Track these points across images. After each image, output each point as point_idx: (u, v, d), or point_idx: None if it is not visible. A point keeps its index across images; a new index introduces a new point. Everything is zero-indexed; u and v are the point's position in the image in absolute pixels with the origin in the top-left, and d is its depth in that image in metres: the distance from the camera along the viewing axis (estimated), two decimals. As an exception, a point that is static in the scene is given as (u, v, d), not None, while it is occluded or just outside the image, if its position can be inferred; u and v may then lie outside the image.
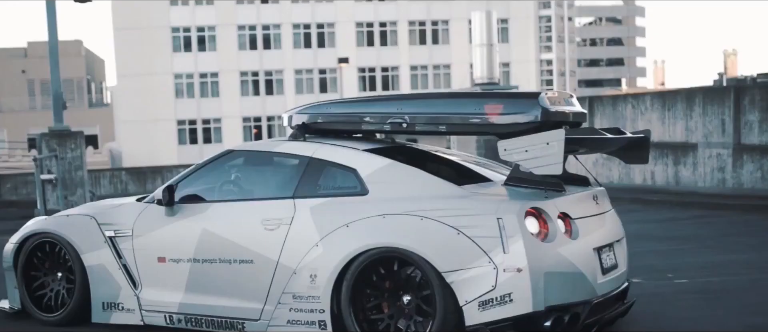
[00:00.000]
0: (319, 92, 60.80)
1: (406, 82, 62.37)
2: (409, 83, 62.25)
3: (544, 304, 5.41)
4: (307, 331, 5.98)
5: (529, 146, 5.63)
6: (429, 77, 62.59)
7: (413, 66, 62.65)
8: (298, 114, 6.77)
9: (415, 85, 62.17)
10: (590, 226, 5.92)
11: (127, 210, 6.99)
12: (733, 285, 8.06)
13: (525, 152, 5.65)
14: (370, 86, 62.31)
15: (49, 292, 7.20)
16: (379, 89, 62.38)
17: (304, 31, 62.01)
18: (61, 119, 15.90)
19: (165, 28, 60.54)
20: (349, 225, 5.86)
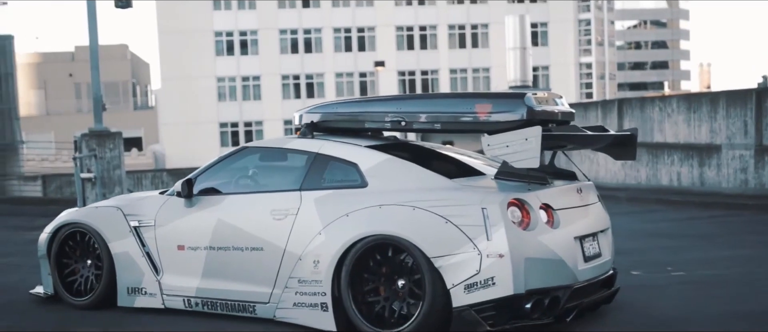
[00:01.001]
0: (359, 95, 61.40)
1: (446, 85, 62.76)
2: (448, 86, 62.63)
3: (525, 288, 5.85)
4: (310, 313, 6.48)
5: (509, 142, 6.09)
6: (468, 80, 62.92)
7: (452, 69, 63.04)
8: (308, 114, 7.29)
9: (454, 88, 62.52)
10: (572, 216, 6.34)
11: (150, 202, 7.56)
12: (727, 278, 8.41)
13: (506, 147, 6.11)
14: (410, 89, 62.79)
15: (80, 278, 7.79)
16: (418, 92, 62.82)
17: (345, 35, 62.70)
18: (100, 120, 16.59)
19: (208, 33, 61.62)
20: (349, 215, 6.35)
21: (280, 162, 7.22)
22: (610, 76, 68.95)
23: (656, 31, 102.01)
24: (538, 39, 62.73)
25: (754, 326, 6.36)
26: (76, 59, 69.81)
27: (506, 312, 5.88)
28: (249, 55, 62.08)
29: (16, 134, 34.62)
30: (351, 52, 62.28)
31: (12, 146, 34.41)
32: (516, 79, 30.16)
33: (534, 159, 6.01)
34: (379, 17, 62.15)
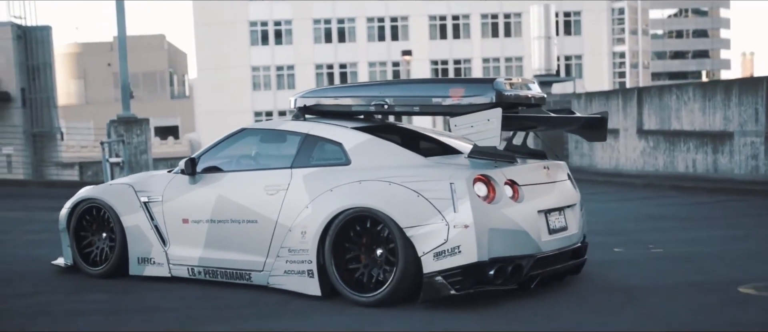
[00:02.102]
0: (392, 85, 61.86)
1: (479, 74, 63.06)
2: (481, 75, 62.93)
3: (488, 256, 6.43)
4: (299, 279, 7.11)
5: (474, 122, 6.66)
6: (501, 70, 63.22)
7: (485, 58, 63.38)
8: (301, 98, 7.92)
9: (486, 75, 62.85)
10: (537, 192, 6.90)
11: (158, 180, 8.25)
12: (702, 254, 8.92)
13: (471, 127, 6.68)
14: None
15: (95, 249, 8.49)
16: (451, 82, 63.16)
17: (378, 25, 63.30)
18: (128, 107, 17.37)
19: (243, 23, 62.54)
20: (333, 190, 6.97)
21: (274, 143, 7.85)
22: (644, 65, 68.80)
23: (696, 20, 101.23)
24: (571, 28, 62.87)
25: (701, 293, 6.88)
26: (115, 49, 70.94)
27: (471, 278, 6.46)
28: (283, 44, 62.94)
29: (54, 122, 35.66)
30: (384, 42, 62.88)
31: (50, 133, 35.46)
32: (540, 67, 30.54)
33: (495, 138, 6.58)
34: (412, 6, 62.65)
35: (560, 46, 62.66)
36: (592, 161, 27.17)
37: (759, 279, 7.29)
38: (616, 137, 25.22)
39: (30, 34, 35.06)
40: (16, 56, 34.49)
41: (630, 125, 24.32)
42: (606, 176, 23.70)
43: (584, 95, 28.67)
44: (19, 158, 33.68)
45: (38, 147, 35.04)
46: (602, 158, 26.30)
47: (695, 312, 6.28)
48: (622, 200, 16.50)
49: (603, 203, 15.93)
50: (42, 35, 35.44)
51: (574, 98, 29.36)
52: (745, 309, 6.30)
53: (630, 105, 24.38)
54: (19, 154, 33.82)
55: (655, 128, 22.94)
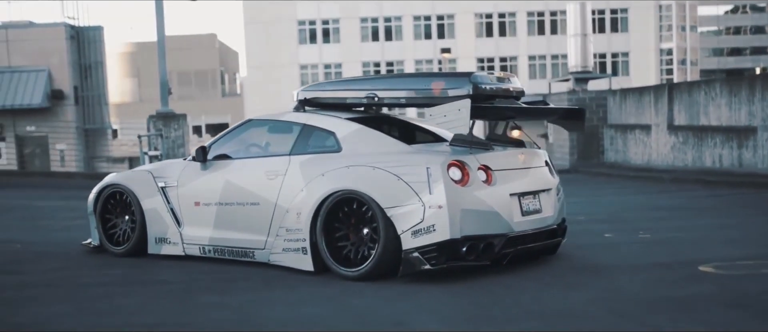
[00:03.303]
0: (438, 82, 62.40)
1: (525, 71, 63.35)
2: (527, 73, 63.21)
3: (461, 234, 7.04)
4: (294, 256, 7.80)
5: (446, 112, 7.28)
6: (547, 67, 63.39)
7: (531, 56, 63.60)
8: (302, 91, 8.63)
9: (533, 74, 63.09)
10: (510, 177, 7.49)
11: (174, 166, 9.01)
12: (682, 239, 9.42)
13: (443, 116, 7.30)
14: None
15: (119, 230, 9.28)
16: (497, 79, 63.52)
17: (425, 23, 63.89)
18: (166, 103, 18.25)
19: (292, 22, 63.61)
20: (325, 174, 7.65)
21: (276, 132, 8.55)
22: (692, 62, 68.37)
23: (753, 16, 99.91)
24: (618, 25, 62.79)
25: (662, 271, 7.42)
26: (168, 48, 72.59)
27: (445, 254, 7.07)
28: (331, 43, 63.88)
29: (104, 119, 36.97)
30: (430, 40, 63.46)
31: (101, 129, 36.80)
32: (576, 65, 30.85)
33: (464, 126, 7.19)
34: (458, 5, 63.13)
35: (607, 44, 62.66)
36: (625, 156, 27.47)
37: (722, 260, 7.79)
38: (648, 133, 25.53)
39: (83, 34, 36.38)
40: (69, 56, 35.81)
41: (661, 121, 24.61)
42: (637, 171, 24.04)
43: (619, 91, 28.97)
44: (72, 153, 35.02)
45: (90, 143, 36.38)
46: (635, 154, 26.61)
47: (649, 286, 6.83)
48: (638, 194, 16.93)
49: (618, 195, 16.39)
50: (94, 35, 36.78)
51: (610, 94, 29.66)
52: (696, 284, 6.83)
53: (661, 101, 24.67)
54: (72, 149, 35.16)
55: (685, 123, 23.23)
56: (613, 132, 28.59)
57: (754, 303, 6.19)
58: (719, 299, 6.31)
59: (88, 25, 36.90)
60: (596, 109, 29.98)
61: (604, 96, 29.95)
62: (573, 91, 30.16)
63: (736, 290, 6.61)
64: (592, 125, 29.86)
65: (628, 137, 27.18)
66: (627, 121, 27.64)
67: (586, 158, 29.76)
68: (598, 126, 29.69)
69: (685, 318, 5.77)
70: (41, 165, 35.02)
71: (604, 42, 62.82)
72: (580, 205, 14.58)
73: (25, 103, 34.71)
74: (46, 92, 35.00)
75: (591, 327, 5.62)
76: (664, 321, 5.71)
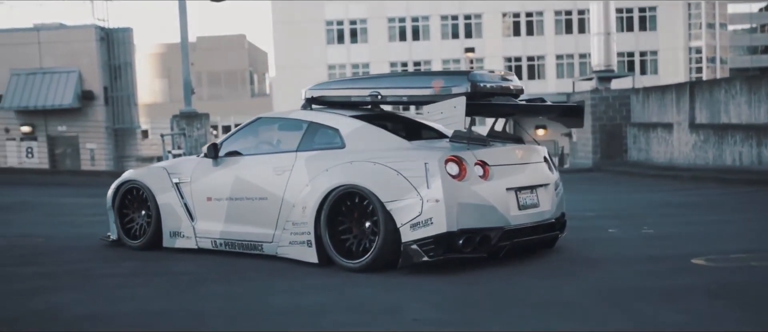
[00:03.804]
0: (465, 82, 62.55)
1: (552, 71, 63.32)
2: (554, 72, 63.17)
3: (457, 226, 7.29)
4: (300, 249, 8.09)
5: (443, 109, 7.54)
6: (575, 66, 63.29)
7: (559, 55, 63.54)
8: (309, 90, 8.93)
9: (560, 74, 63.03)
10: (507, 172, 7.73)
11: (188, 163, 9.34)
12: (682, 234, 9.61)
13: (440, 113, 7.56)
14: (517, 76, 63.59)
15: (136, 225, 9.63)
16: (525, 79, 63.61)
17: (452, 23, 64.05)
18: (189, 102, 18.66)
19: (319, 22, 64.04)
20: (328, 170, 7.93)
21: (284, 129, 8.85)
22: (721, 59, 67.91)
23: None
24: (647, 24, 62.57)
25: (655, 263, 7.63)
26: (197, 49, 73.44)
27: (443, 247, 7.32)
28: (358, 43, 64.24)
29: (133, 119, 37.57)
30: (458, 39, 63.60)
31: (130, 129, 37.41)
32: (600, 64, 30.92)
33: (459, 122, 7.45)
34: (485, 4, 63.22)
35: (635, 42, 62.46)
36: (648, 155, 27.54)
37: (716, 253, 7.99)
38: (670, 132, 25.59)
39: (112, 35, 37.00)
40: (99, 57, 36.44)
41: (683, 120, 24.67)
42: (658, 170, 24.14)
43: (642, 90, 29.03)
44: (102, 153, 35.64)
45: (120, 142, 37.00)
46: (657, 153, 26.67)
47: (640, 277, 7.04)
48: (655, 191, 17.07)
49: (634, 193, 16.54)
50: (123, 36, 37.39)
51: (633, 93, 29.72)
52: (685, 275, 7.04)
53: (683, 100, 24.73)
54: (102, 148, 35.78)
55: (706, 122, 23.28)
56: (636, 131, 28.67)
57: (737, 293, 6.39)
58: (704, 289, 6.51)
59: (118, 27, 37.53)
60: (619, 108, 30.07)
61: (628, 95, 30.03)
62: (596, 90, 30.25)
63: (723, 281, 6.81)
64: (616, 124, 29.96)
65: (651, 136, 27.24)
66: (650, 120, 27.71)
67: (610, 156, 29.85)
68: (622, 125, 29.78)
69: (668, 307, 5.99)
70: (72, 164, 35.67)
71: (632, 41, 62.62)
72: (594, 202, 14.77)
73: (56, 103, 35.37)
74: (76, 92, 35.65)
75: (576, 315, 5.86)
76: (647, 309, 5.93)
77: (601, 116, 30.02)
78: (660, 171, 23.71)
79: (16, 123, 36.17)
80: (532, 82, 63.17)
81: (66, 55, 36.00)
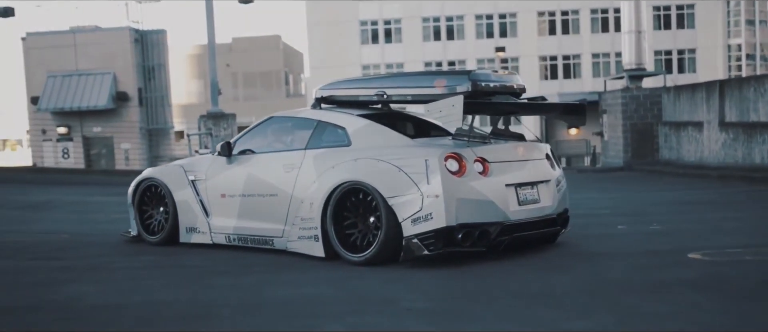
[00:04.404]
0: (500, 81, 62.66)
1: (588, 70, 63.17)
2: (590, 71, 63.01)
3: (456, 221, 7.59)
4: (308, 243, 8.43)
5: (442, 108, 7.83)
6: (611, 65, 63.09)
7: (595, 54, 63.38)
8: (319, 90, 9.28)
9: (597, 72, 62.85)
10: (507, 168, 8.01)
11: (203, 161, 9.73)
12: (690, 230, 9.81)
13: (439, 111, 7.86)
14: (552, 75, 63.55)
15: (154, 221, 10.04)
16: (560, 79, 63.57)
17: (487, 22, 64.16)
18: (216, 102, 19.14)
19: (354, 22, 64.51)
20: (334, 167, 8.27)
21: (295, 128, 9.20)
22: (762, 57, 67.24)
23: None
24: (684, 21, 62.20)
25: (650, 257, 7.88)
26: (233, 50, 74.27)
27: (442, 241, 7.61)
28: (393, 43, 64.61)
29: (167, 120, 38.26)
30: (492, 39, 63.70)
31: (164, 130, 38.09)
32: (631, 62, 30.90)
33: (457, 120, 7.74)
34: (520, 3, 63.27)
35: (672, 40, 62.12)
36: (679, 154, 27.55)
37: (715, 248, 8.20)
38: (700, 130, 25.60)
39: (146, 37, 37.70)
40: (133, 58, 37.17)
41: (712, 118, 24.67)
42: (687, 169, 24.18)
43: (673, 88, 29.03)
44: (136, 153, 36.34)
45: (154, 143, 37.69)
46: (688, 151, 26.68)
47: (633, 270, 7.28)
48: (677, 190, 17.19)
49: (656, 191, 16.68)
50: (157, 38, 38.09)
51: (664, 92, 29.72)
52: (678, 269, 7.27)
53: (712, 98, 24.73)
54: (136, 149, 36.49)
55: (735, 120, 23.28)
56: (667, 130, 28.68)
57: (725, 285, 6.61)
58: (694, 282, 6.74)
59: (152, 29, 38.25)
60: (651, 107, 30.08)
61: (659, 94, 30.02)
62: (627, 89, 30.28)
63: (714, 274, 7.04)
64: (647, 123, 29.97)
65: (682, 135, 27.26)
66: (680, 118, 27.71)
67: (641, 156, 29.87)
68: (653, 124, 29.78)
69: (652, 298, 6.23)
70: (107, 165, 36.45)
71: (669, 39, 62.31)
72: (613, 200, 14.96)
73: (91, 105, 36.14)
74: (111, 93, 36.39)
75: (563, 305, 6.12)
76: (631, 301, 6.18)
77: (632, 115, 30.05)
78: (689, 170, 23.75)
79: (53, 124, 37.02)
80: (567, 81, 63.14)
81: (101, 57, 36.77)
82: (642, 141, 30.08)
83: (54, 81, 36.80)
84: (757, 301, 6.04)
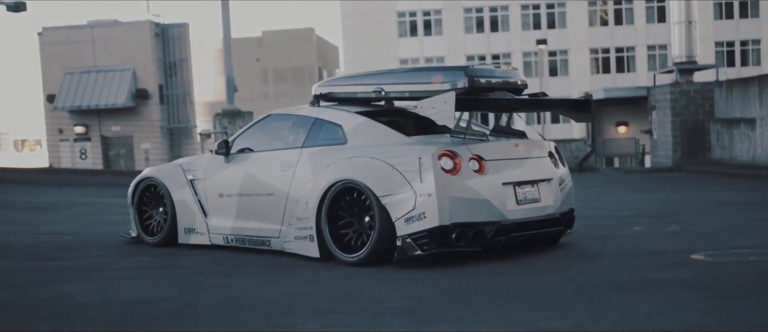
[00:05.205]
0: (548, 76, 62.87)
1: (643, 63, 63.00)
2: (645, 64, 62.83)
3: (450, 221, 7.98)
4: (303, 243, 8.88)
5: (434, 104, 8.23)
6: (668, 57, 62.77)
7: (650, 45, 63.20)
8: (318, 86, 9.73)
9: (652, 66, 62.64)
10: (504, 166, 8.39)
11: (201, 160, 10.23)
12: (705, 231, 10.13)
13: (432, 108, 8.26)
14: (603, 69, 63.48)
15: (153, 222, 10.56)
16: (613, 72, 63.48)
17: (533, 12, 64.29)
18: (232, 100, 19.70)
19: (391, 13, 64.99)
20: (330, 165, 8.71)
21: (292, 126, 9.66)
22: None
23: None
24: (748, 10, 61.79)
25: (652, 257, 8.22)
26: (263, 44, 75.15)
27: (436, 240, 8.01)
28: (433, 35, 65.00)
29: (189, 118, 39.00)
30: (539, 30, 63.77)
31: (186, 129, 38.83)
32: (681, 55, 31.01)
33: (449, 117, 8.14)
34: (570, -8, 63.34)
35: (735, 30, 61.71)
36: (731, 153, 27.62)
37: (721, 248, 8.51)
38: (752, 127, 25.68)
39: (167, 31, 38.45)
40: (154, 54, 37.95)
41: (765, 114, 24.74)
42: (738, 169, 24.28)
43: (725, 83, 29.07)
44: (157, 153, 37.10)
45: (175, 142, 38.45)
46: (740, 150, 26.75)
47: (629, 271, 7.64)
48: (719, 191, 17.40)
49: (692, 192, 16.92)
50: (179, 32, 38.85)
51: (716, 86, 29.77)
52: (676, 269, 7.60)
53: (765, 93, 24.80)
54: (157, 148, 37.26)
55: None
56: (719, 127, 28.75)
57: (718, 285, 6.94)
58: (687, 282, 7.08)
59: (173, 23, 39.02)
60: (702, 102, 30.14)
61: (711, 88, 30.07)
62: (676, 83, 30.37)
63: (710, 274, 7.37)
64: (698, 120, 30.04)
65: (734, 132, 27.33)
66: (733, 115, 27.77)
67: (692, 155, 29.95)
68: (705, 121, 29.86)
69: (640, 298, 6.58)
70: (126, 166, 37.27)
71: (732, 29, 61.95)
72: (644, 202, 15.24)
73: (109, 103, 37.00)
74: (130, 91, 37.22)
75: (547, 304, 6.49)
76: (617, 300, 6.54)
77: (681, 111, 30.14)
78: (740, 170, 23.85)
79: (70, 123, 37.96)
80: (620, 75, 63.03)
81: (120, 52, 37.62)
82: (692, 139, 30.15)
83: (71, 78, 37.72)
84: (742, 300, 6.36)
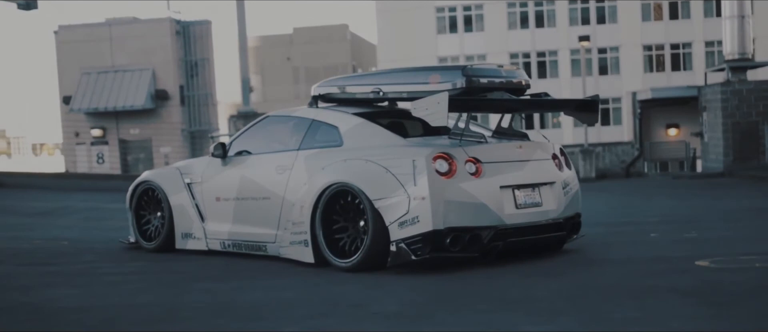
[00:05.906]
0: (597, 75, 62.84)
1: (700, 60, 62.70)
2: (703, 62, 62.51)
3: (444, 225, 8.31)
4: (298, 248, 9.25)
5: (427, 105, 8.56)
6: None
7: (708, 42, 62.91)
8: (317, 87, 10.12)
9: (710, 63, 62.33)
10: (503, 169, 8.70)
11: (199, 163, 10.66)
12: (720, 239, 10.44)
13: (425, 109, 8.59)
14: (658, 67, 63.32)
15: (151, 227, 11.01)
16: (668, 71, 63.29)
17: (582, 6, 64.29)
18: (247, 101, 20.18)
19: (429, 9, 65.32)
20: (324, 168, 9.08)
21: (290, 128, 10.04)
22: None
23: None
24: (815, 3, 61.24)
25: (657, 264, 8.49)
26: (294, 42, 75.87)
27: (430, 245, 8.33)
28: (473, 31, 65.23)
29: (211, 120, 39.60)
30: (588, 26, 63.74)
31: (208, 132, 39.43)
32: (733, 51, 30.98)
33: (442, 118, 8.46)
34: (621, -16, 63.27)
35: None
36: (785, 157, 27.60)
37: (730, 255, 8.76)
38: (807, 130, 25.68)
39: (189, 29, 39.09)
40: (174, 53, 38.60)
41: (821, 116, 24.76)
42: (789, 174, 24.32)
43: (778, 81, 29.05)
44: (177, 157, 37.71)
45: (197, 145, 39.05)
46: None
47: (628, 277, 7.91)
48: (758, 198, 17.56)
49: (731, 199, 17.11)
50: (201, 30, 39.49)
51: (769, 85, 29.74)
52: (677, 276, 7.86)
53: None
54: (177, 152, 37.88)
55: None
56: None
57: (716, 292, 7.19)
58: (686, 289, 7.34)
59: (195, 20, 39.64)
60: (755, 102, 30.10)
61: (766, 88, 30.01)
62: (728, 82, 30.38)
63: (709, 281, 7.63)
64: (751, 122, 30.03)
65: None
66: (787, 116, 27.78)
67: (745, 159, 29.94)
68: (758, 122, 29.82)
69: (630, 305, 6.86)
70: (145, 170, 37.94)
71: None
72: (675, 208, 15.46)
73: (128, 105, 37.71)
74: (150, 92, 37.91)
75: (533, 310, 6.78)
76: (606, 307, 6.82)
77: (733, 112, 30.13)
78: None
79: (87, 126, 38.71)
80: (675, 73, 62.81)
81: (139, 51, 38.33)
82: (745, 142, 30.13)
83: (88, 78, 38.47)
84: (733, 307, 6.62)
